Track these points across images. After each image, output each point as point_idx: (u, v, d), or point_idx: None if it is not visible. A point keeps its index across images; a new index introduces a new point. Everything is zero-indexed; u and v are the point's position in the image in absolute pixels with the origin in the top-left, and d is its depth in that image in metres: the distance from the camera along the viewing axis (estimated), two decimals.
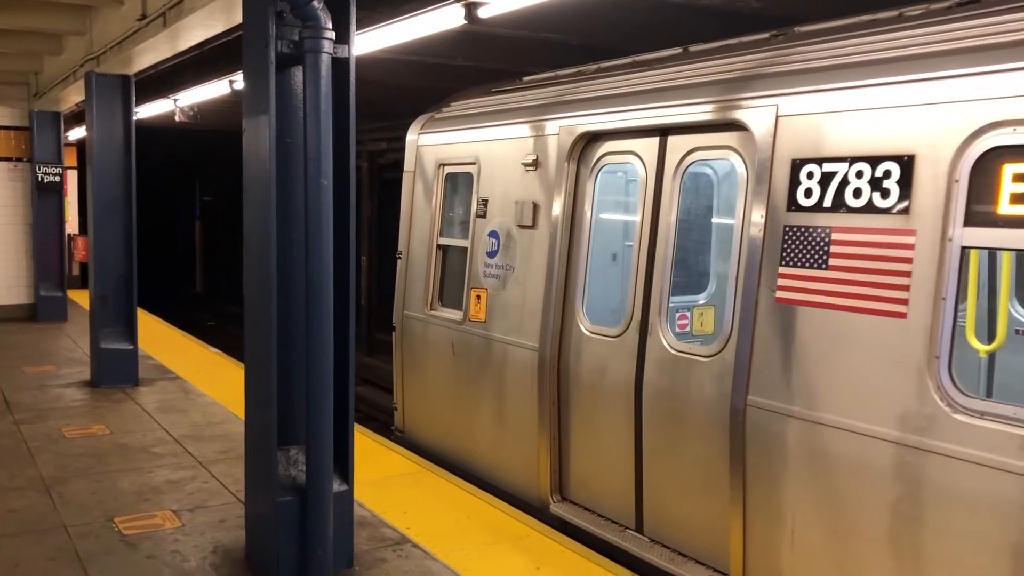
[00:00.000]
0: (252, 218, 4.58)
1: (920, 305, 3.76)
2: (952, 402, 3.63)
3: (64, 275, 13.99)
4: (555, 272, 5.87)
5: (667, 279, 5.17)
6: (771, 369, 4.36)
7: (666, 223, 5.20)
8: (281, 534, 4.48)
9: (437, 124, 7.48)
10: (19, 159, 13.80)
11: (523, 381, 6.10)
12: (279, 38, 4.32)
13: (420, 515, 5.62)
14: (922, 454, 3.71)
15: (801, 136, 4.33)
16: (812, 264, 4.19)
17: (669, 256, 5.16)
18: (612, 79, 5.96)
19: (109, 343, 9.05)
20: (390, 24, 6.86)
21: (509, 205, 6.39)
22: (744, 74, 4.82)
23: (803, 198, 4.27)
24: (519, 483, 6.20)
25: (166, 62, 9.06)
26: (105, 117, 9.09)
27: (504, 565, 4.91)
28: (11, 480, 6.13)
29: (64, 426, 7.53)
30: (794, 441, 4.25)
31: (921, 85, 3.85)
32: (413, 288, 7.51)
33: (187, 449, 6.91)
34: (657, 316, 5.17)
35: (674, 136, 5.21)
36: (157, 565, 4.76)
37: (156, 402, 8.45)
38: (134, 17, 7.67)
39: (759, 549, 4.44)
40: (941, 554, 3.69)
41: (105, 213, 9.05)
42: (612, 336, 5.50)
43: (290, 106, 4.49)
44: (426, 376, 7.36)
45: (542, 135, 6.13)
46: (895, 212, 3.88)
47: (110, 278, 9.12)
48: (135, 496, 5.83)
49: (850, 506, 4.02)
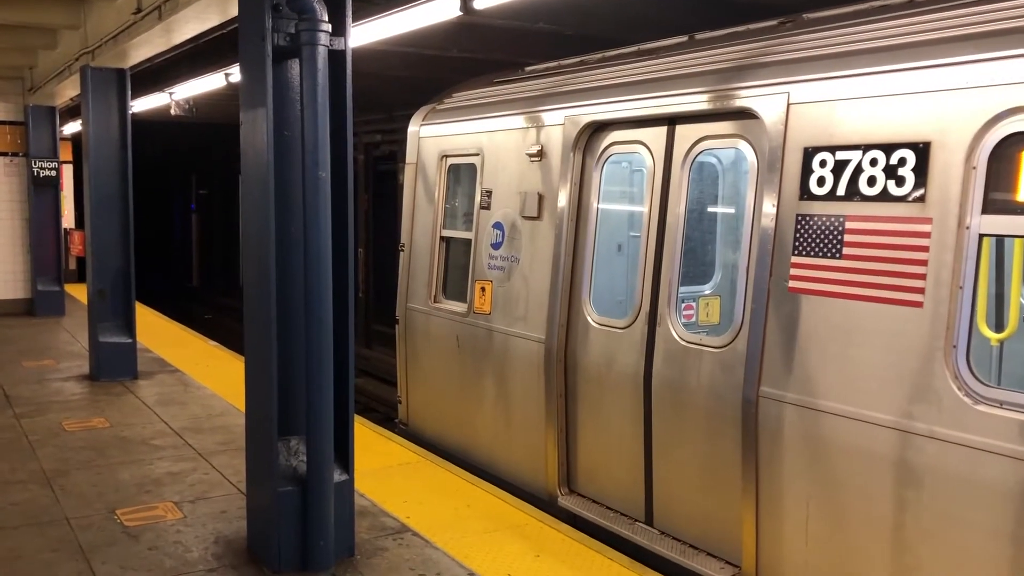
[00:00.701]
0: (250, 211, 4.56)
1: (937, 294, 3.71)
2: (971, 391, 3.59)
3: (61, 269, 13.93)
4: (561, 263, 5.82)
5: (676, 270, 5.12)
6: (784, 360, 4.31)
7: (675, 213, 5.15)
8: (282, 524, 4.49)
9: (439, 115, 7.42)
10: (15, 154, 13.72)
11: (529, 373, 6.06)
12: (275, 31, 4.30)
13: (420, 504, 5.62)
14: (940, 444, 3.67)
15: (813, 124, 4.28)
16: (825, 253, 4.15)
17: (678, 246, 5.11)
18: (617, 68, 5.90)
19: (108, 337, 9.01)
20: (386, 16, 6.85)
21: (513, 196, 6.34)
22: (753, 61, 4.77)
23: (816, 187, 4.22)
24: (526, 476, 6.16)
25: (161, 55, 9.00)
26: (100, 111, 9.03)
27: (504, 553, 4.91)
28: (12, 473, 6.10)
29: (64, 419, 7.48)
30: (808, 432, 4.21)
31: (937, 71, 3.80)
32: (416, 281, 7.46)
33: (187, 441, 6.86)
34: (666, 307, 5.13)
35: (682, 125, 5.16)
36: (159, 556, 4.74)
37: (155, 395, 8.41)
38: (129, 11, 7.62)
39: (772, 541, 4.41)
40: (958, 545, 3.65)
41: (102, 207, 9.00)
42: (620, 327, 5.45)
43: (287, 99, 4.47)
44: (431, 369, 7.31)
45: (546, 125, 6.08)
46: (910, 200, 3.84)
47: (108, 272, 9.08)
48: (136, 488, 5.80)
49: (865, 497, 3.98)
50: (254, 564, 4.64)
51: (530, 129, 6.23)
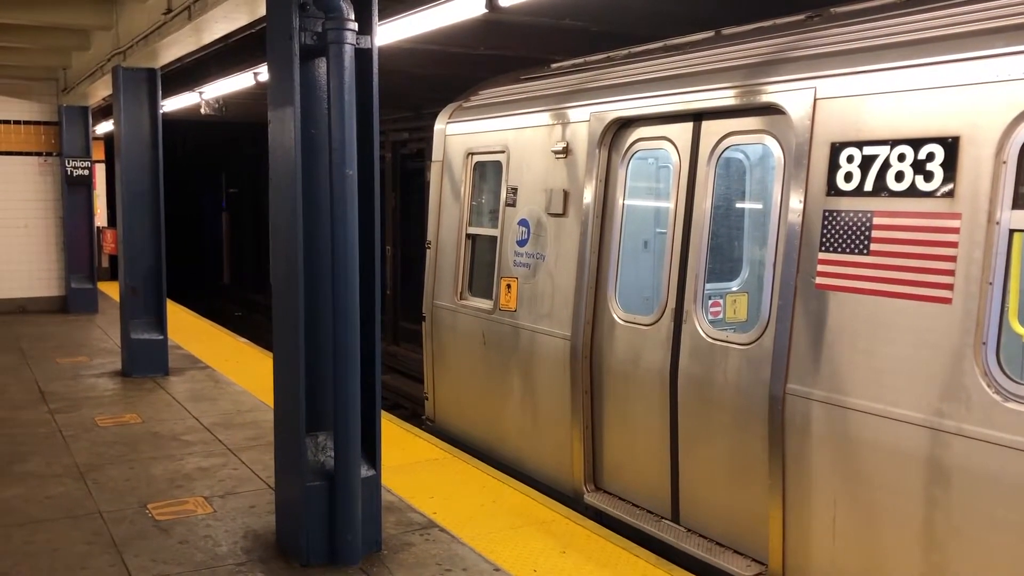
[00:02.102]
0: (278, 208, 4.60)
1: (966, 290, 3.67)
2: (1000, 388, 3.54)
3: (94, 267, 14.14)
4: (587, 260, 5.82)
5: (703, 266, 5.10)
6: (811, 357, 4.29)
7: (701, 209, 5.13)
8: (310, 519, 4.53)
9: (465, 113, 7.44)
10: (48, 154, 13.95)
11: (555, 370, 6.06)
12: (303, 30, 4.33)
13: (447, 500, 5.64)
14: (969, 441, 3.63)
15: (840, 119, 4.25)
16: (853, 249, 4.11)
17: (704, 243, 5.10)
18: (643, 64, 5.89)
19: (140, 333, 9.14)
20: (412, 14, 6.87)
21: (539, 193, 6.34)
22: (780, 56, 4.74)
23: (843, 182, 4.19)
24: (552, 473, 6.17)
25: (191, 55, 9.10)
26: (132, 111, 9.15)
27: (530, 549, 4.93)
28: (48, 467, 6.21)
29: (97, 415, 7.61)
30: (835, 429, 4.18)
31: (965, 64, 3.76)
32: (443, 278, 7.49)
33: (217, 437, 6.95)
34: (692, 303, 5.11)
35: (708, 120, 5.13)
36: (189, 550, 4.80)
37: (186, 391, 8.52)
38: (159, 11, 7.71)
39: (799, 539, 4.38)
40: (987, 543, 3.61)
41: (134, 206, 9.13)
42: (646, 324, 5.44)
43: (314, 97, 4.50)
44: (457, 366, 7.34)
45: (572, 122, 6.07)
46: (939, 195, 3.80)
47: (140, 270, 9.21)
48: (167, 483, 5.88)
49: (893, 495, 3.95)
50: (282, 558, 4.69)
51: (556, 126, 6.23)
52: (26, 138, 13.82)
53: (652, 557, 4.84)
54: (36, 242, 13.93)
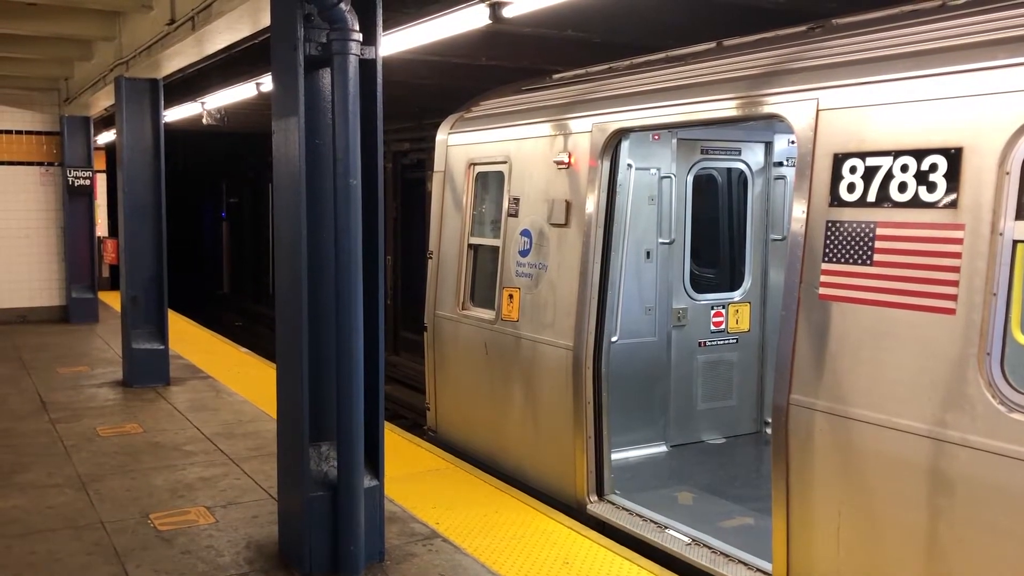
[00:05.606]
0: (282, 218, 4.62)
1: (969, 301, 3.67)
2: (1004, 399, 3.54)
3: (95, 277, 14.14)
4: (589, 270, 5.82)
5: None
6: (815, 367, 4.29)
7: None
8: (313, 529, 4.53)
9: (467, 123, 7.45)
10: (50, 163, 13.97)
11: (557, 380, 6.06)
12: (307, 40, 4.35)
13: (449, 510, 5.64)
14: (973, 452, 3.62)
15: (843, 130, 4.26)
16: (856, 260, 4.12)
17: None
18: (645, 75, 5.91)
19: (141, 343, 9.13)
20: (416, 25, 6.88)
21: (541, 203, 6.35)
22: (782, 67, 4.76)
23: (846, 193, 4.20)
24: (555, 483, 6.16)
25: (194, 65, 9.11)
26: (134, 121, 9.18)
27: (533, 559, 4.92)
28: (49, 477, 6.20)
29: (99, 425, 7.60)
30: (839, 440, 4.18)
31: (969, 76, 3.77)
32: (444, 288, 7.49)
33: (219, 447, 6.94)
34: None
35: None
36: (192, 560, 4.79)
37: (188, 401, 8.51)
38: (163, 22, 7.72)
39: (803, 549, 4.37)
40: (991, 554, 3.60)
41: (135, 215, 9.14)
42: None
43: (319, 107, 4.52)
44: (459, 376, 7.34)
45: (574, 132, 6.09)
46: (942, 206, 3.80)
47: (141, 279, 9.21)
48: (169, 493, 5.87)
49: (897, 505, 3.94)
50: (285, 568, 4.68)
51: (558, 136, 6.25)
52: (28, 148, 13.84)
53: (656, 568, 4.83)
54: (37, 252, 13.93)
